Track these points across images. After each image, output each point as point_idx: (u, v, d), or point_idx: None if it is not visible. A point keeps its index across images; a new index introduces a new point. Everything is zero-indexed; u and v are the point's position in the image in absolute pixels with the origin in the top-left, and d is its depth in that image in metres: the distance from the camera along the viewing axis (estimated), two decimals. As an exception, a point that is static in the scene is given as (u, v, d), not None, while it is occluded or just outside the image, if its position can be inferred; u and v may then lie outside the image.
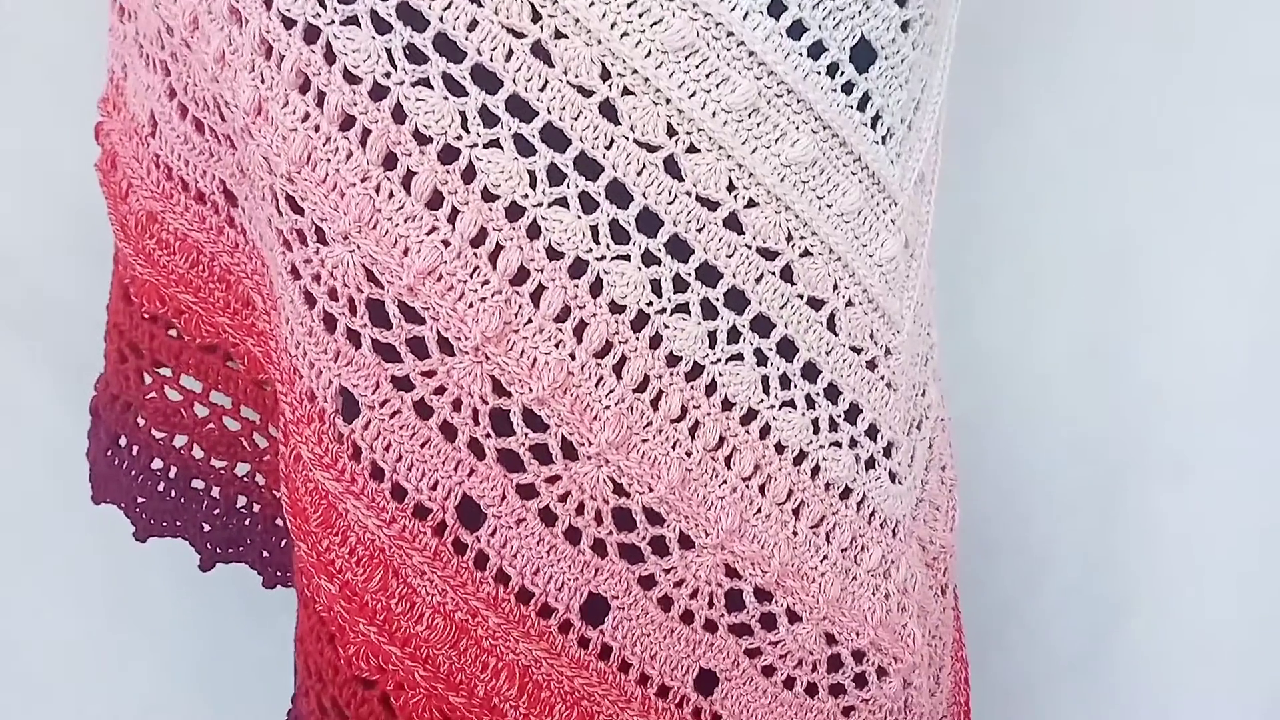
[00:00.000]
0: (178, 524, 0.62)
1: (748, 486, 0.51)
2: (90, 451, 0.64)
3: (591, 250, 0.47)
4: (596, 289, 0.47)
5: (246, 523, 0.64)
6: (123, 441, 0.62)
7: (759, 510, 0.52)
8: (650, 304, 0.48)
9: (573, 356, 0.47)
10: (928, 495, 0.61)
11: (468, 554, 0.49)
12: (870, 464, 0.54)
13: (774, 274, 0.49)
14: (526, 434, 0.48)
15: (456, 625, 0.49)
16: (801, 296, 0.50)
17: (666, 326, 0.48)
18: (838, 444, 0.53)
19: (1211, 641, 0.90)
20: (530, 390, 0.47)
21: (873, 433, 0.54)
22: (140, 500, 0.62)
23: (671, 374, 0.49)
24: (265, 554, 0.64)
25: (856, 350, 0.52)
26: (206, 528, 0.63)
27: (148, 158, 0.58)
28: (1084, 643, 0.92)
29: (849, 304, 0.51)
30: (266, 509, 0.63)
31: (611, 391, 0.48)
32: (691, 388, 0.49)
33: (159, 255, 0.58)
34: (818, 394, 0.52)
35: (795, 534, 0.53)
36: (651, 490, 0.49)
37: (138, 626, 0.88)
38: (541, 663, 0.50)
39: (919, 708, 0.60)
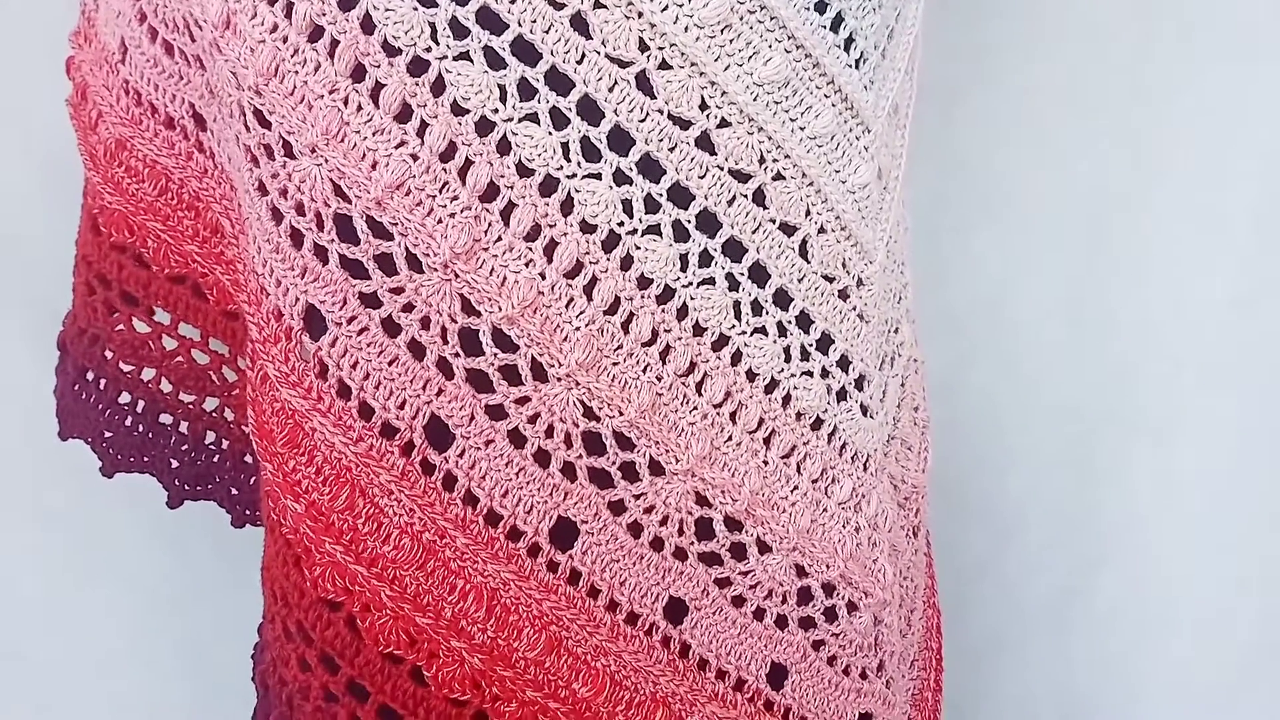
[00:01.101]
0: (145, 459, 0.62)
1: (718, 413, 0.51)
2: (58, 387, 0.63)
3: (562, 168, 0.46)
4: (567, 207, 0.47)
5: (215, 459, 0.63)
6: (90, 376, 0.61)
7: (729, 438, 0.52)
8: (621, 224, 0.47)
9: (543, 276, 0.47)
10: (900, 433, 0.61)
11: (435, 475, 0.49)
12: (842, 395, 0.54)
13: (746, 197, 0.49)
14: (496, 354, 0.48)
15: (424, 546, 0.49)
16: (774, 221, 0.50)
17: (638, 248, 0.48)
18: (809, 373, 0.53)
19: (1183, 599, 0.91)
20: (500, 309, 0.47)
21: (844, 364, 0.54)
22: (108, 435, 0.61)
23: (643, 296, 0.48)
24: (234, 491, 0.63)
25: (829, 279, 0.52)
26: (174, 464, 0.62)
27: (117, 85, 0.58)
28: (1056, 599, 0.92)
29: (821, 231, 0.51)
30: (235, 445, 0.63)
31: (582, 313, 0.48)
32: (662, 311, 0.49)
33: (128, 183, 0.57)
34: (789, 322, 0.52)
35: (766, 463, 0.53)
36: (621, 414, 0.49)
37: (106, 577, 0.88)
38: (510, 585, 0.50)
39: (889, 645, 0.60)
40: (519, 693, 0.50)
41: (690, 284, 0.49)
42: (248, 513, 0.64)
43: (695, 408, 0.50)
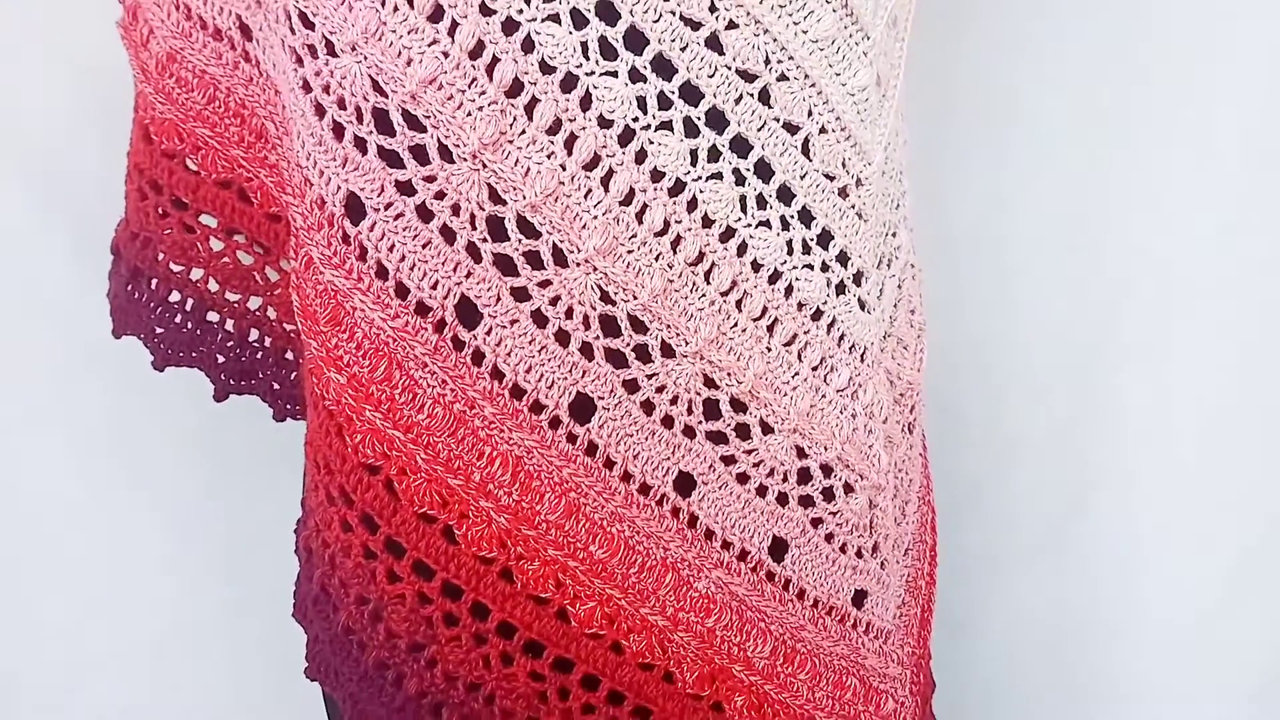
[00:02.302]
0: (194, 355, 0.67)
1: (725, 301, 0.55)
2: (111, 289, 0.68)
3: (582, 65, 0.50)
4: (586, 103, 0.51)
5: (258, 356, 0.68)
6: (142, 276, 0.66)
7: (735, 324, 0.56)
8: (636, 120, 0.51)
9: (563, 167, 0.51)
10: (896, 331, 0.65)
11: (465, 350, 0.53)
12: (840, 289, 0.58)
13: (752, 96, 0.53)
14: (520, 239, 0.52)
15: (455, 415, 0.53)
16: (778, 120, 0.54)
17: (651, 142, 0.52)
18: (810, 266, 0.57)
19: (1176, 521, 0.94)
20: (524, 197, 0.51)
21: (843, 259, 0.58)
22: (159, 331, 0.66)
23: (655, 188, 0.52)
24: (275, 386, 0.68)
25: (829, 177, 0.56)
26: (220, 359, 0.67)
27: (168, 2, 0.62)
28: (1051, 518, 0.96)
29: (823, 130, 0.55)
30: (277, 342, 0.67)
31: (599, 202, 0.52)
32: (674, 203, 0.53)
33: (178, 93, 0.62)
34: (792, 216, 0.56)
35: (769, 349, 0.57)
36: (635, 298, 0.53)
37: (141, 486, 0.93)
38: (533, 453, 0.54)
39: (884, 529, 0.64)
40: (541, 551, 0.55)
41: (699, 178, 0.53)
42: (288, 407, 0.69)
43: (704, 295, 0.55)
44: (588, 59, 0.50)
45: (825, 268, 0.57)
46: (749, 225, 0.55)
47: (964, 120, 0.88)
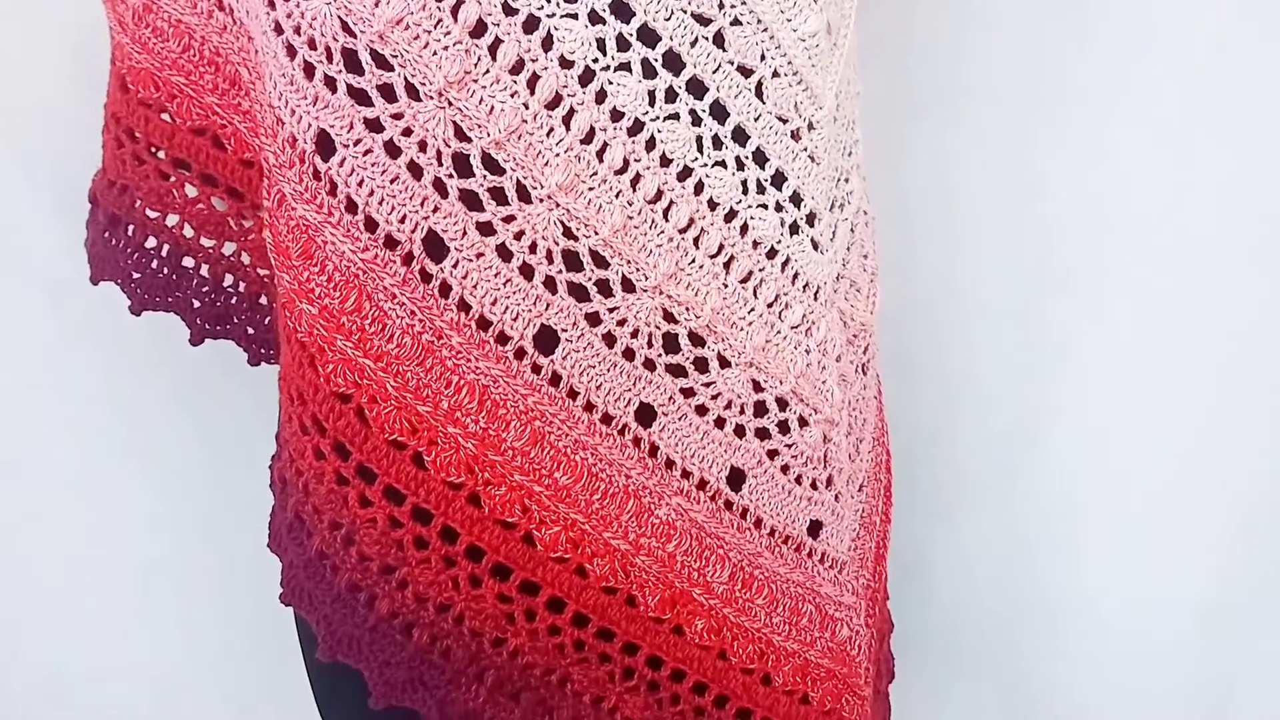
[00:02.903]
0: (170, 299, 0.68)
1: (683, 238, 0.58)
2: (89, 237, 0.70)
3: (543, 8, 0.52)
4: (548, 44, 0.53)
5: (233, 301, 0.70)
6: (119, 223, 0.68)
7: (693, 261, 0.58)
8: (596, 60, 0.54)
9: (526, 106, 0.53)
10: (849, 273, 0.68)
11: (433, 283, 0.55)
12: (794, 229, 0.61)
13: (707, 39, 0.55)
14: (485, 176, 0.54)
15: (423, 345, 0.56)
16: (732, 63, 0.56)
17: (610, 83, 0.54)
18: (764, 206, 0.59)
19: (1124, 459, 0.98)
20: (488, 134, 0.53)
21: (796, 200, 0.60)
22: (135, 277, 0.68)
23: (615, 128, 0.55)
24: (250, 331, 0.70)
25: (782, 120, 0.59)
26: (196, 304, 0.69)
27: (142, -47, 0.64)
28: (1004, 458, 1.00)
29: (775, 74, 0.57)
30: (251, 287, 0.69)
31: (561, 140, 0.54)
32: (633, 142, 0.55)
33: (154, 43, 0.63)
34: (746, 157, 0.58)
35: (725, 285, 0.59)
36: (596, 234, 0.56)
37: (131, 451, 0.95)
38: (499, 382, 0.56)
39: (838, 463, 0.67)
40: (507, 477, 0.57)
41: (657, 118, 0.55)
42: (262, 351, 0.71)
43: (662, 231, 0.57)
44: (549, 1, 0.52)
45: (779, 208, 0.60)
46: (705, 165, 0.57)
47: (920, 87, 0.90)
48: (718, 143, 0.57)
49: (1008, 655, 1.06)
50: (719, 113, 0.57)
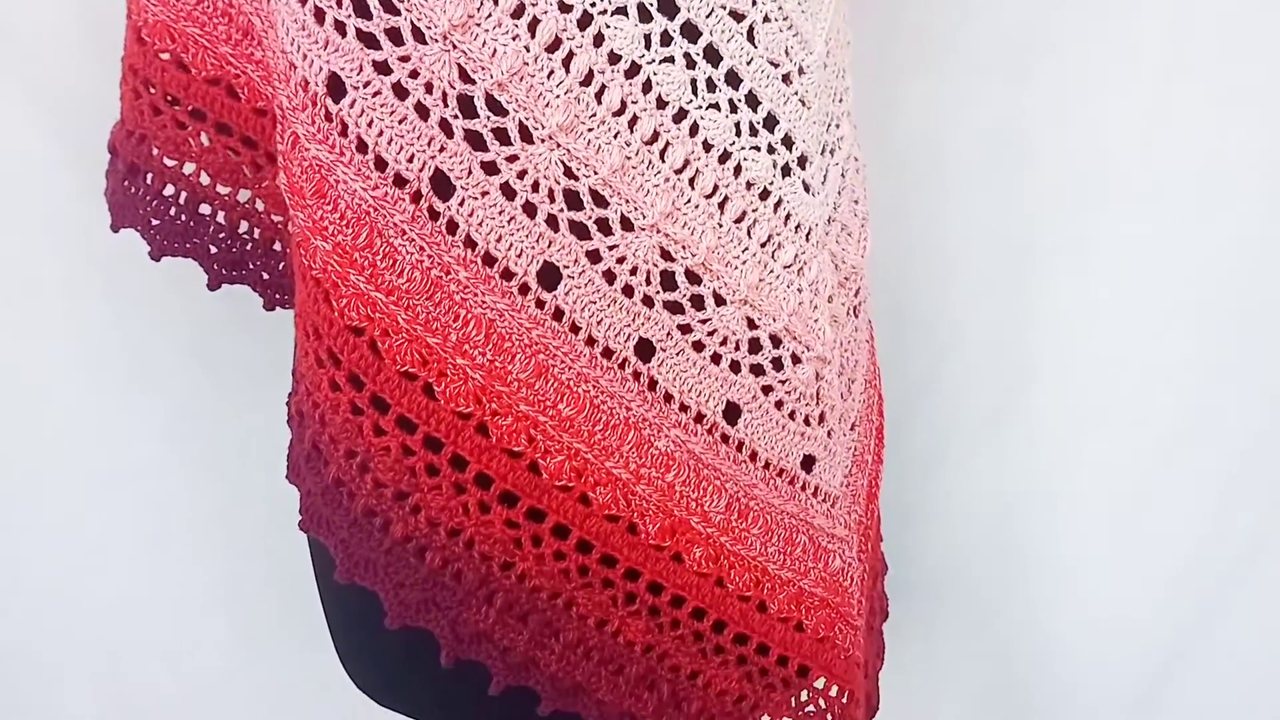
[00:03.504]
0: (188, 246, 0.71)
1: (679, 178, 0.60)
2: (108, 186, 0.72)
3: (543, -47, 0.55)
4: (548, -11, 0.55)
5: (248, 247, 0.72)
6: (138, 171, 0.70)
7: (689, 200, 0.61)
8: (593, 5, 0.56)
9: (527, 49, 0.56)
10: (840, 217, 0.70)
11: (440, 220, 0.58)
12: (786, 171, 0.63)
13: (700, -16, 0.57)
14: (489, 116, 0.57)
15: (431, 280, 0.58)
16: (724, 8, 0.58)
17: (608, 26, 0.56)
18: (757, 148, 0.62)
19: (1109, 408, 1.01)
20: (491, 76, 0.56)
21: (788, 142, 0.63)
22: (154, 224, 0.71)
23: (613, 70, 0.57)
24: (265, 276, 0.73)
25: (773, 64, 0.61)
26: (213, 250, 0.72)
27: (156, -92, 0.66)
28: (991, 412, 1.03)
29: (766, 19, 0.60)
30: (266, 233, 0.72)
31: (561, 82, 0.56)
32: (630, 84, 0.58)
33: (168, -5, 0.66)
34: (739, 100, 0.60)
35: (720, 225, 0.62)
36: (596, 173, 0.58)
37: (140, 390, 0.98)
38: (504, 316, 0.59)
39: (830, 400, 0.70)
40: (513, 408, 0.60)
41: (653, 61, 0.57)
42: (277, 296, 0.74)
43: (659, 171, 0.59)
44: (548, -53, 0.54)
45: (771, 150, 0.62)
46: (700, 107, 0.59)
47: (908, 34, 0.92)
48: (711, 86, 0.59)
49: (998, 598, 1.09)
50: (712, 56, 0.59)
